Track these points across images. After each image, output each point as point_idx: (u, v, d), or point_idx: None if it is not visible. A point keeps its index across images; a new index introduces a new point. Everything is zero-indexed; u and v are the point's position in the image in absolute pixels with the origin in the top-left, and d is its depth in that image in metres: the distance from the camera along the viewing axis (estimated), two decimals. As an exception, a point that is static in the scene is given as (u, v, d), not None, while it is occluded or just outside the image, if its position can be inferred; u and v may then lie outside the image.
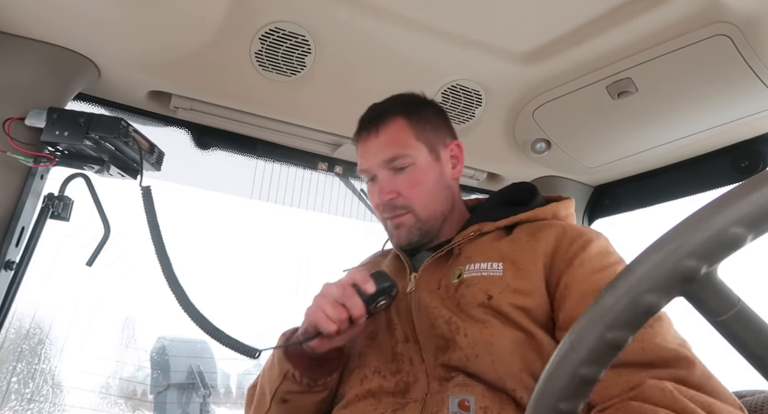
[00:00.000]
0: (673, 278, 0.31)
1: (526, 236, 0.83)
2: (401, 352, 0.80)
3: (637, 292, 0.32)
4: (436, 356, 0.77)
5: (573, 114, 1.28)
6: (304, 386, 0.80)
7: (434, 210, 0.89)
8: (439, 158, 0.91)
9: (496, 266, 0.79)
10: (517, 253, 0.81)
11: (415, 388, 0.76)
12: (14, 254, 0.98)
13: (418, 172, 0.87)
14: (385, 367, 0.80)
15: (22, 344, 2.56)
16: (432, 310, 0.79)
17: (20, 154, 0.95)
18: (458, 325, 0.76)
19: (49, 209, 0.99)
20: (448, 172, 0.92)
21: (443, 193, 0.90)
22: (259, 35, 1.08)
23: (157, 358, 3.96)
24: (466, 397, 0.70)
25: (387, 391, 0.78)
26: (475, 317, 0.76)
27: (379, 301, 0.74)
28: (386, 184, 0.88)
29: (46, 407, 2.60)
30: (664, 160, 1.41)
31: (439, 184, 0.89)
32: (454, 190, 0.94)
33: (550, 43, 1.10)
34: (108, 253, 1.02)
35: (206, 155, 1.37)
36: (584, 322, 0.33)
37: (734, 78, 1.06)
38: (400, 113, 0.91)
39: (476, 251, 0.84)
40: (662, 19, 0.99)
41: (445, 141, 0.93)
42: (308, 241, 2.31)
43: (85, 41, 1.03)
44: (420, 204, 0.87)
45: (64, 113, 0.96)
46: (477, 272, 0.80)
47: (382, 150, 0.88)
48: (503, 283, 0.77)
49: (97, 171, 1.03)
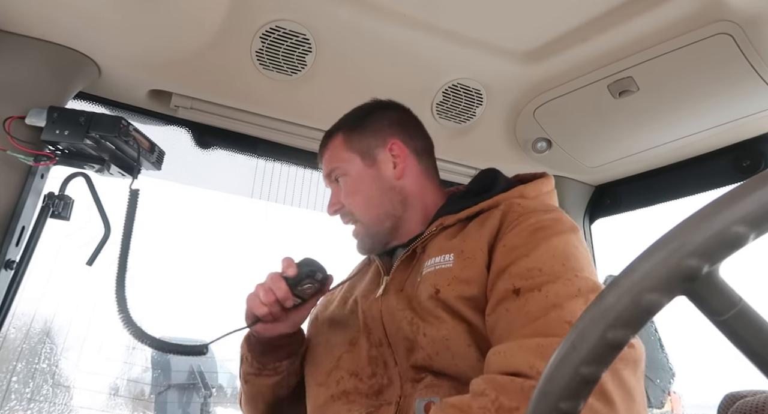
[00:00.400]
0: (675, 277, 0.31)
1: (479, 224, 0.82)
2: (375, 355, 0.82)
3: (638, 291, 0.32)
4: (407, 357, 0.78)
5: (574, 113, 1.28)
6: (256, 369, 0.90)
7: (376, 214, 0.91)
8: (374, 163, 0.92)
9: (447, 258, 0.79)
10: (467, 242, 0.80)
11: (389, 390, 0.78)
12: (14, 253, 0.98)
13: (352, 181, 0.92)
14: (361, 371, 0.82)
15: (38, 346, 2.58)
16: (397, 312, 0.81)
17: (21, 153, 0.95)
18: (419, 325, 0.77)
19: (49, 208, 0.99)
20: (388, 172, 0.92)
21: (385, 195, 0.91)
22: (260, 34, 1.07)
23: (158, 358, 3.97)
24: (431, 399, 0.71)
25: (361, 393, 0.80)
26: (431, 314, 0.76)
27: (303, 284, 0.81)
28: (332, 197, 0.95)
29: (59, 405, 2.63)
30: (666, 159, 1.40)
31: (378, 188, 0.91)
32: (404, 189, 0.92)
33: (551, 42, 1.10)
34: (111, 252, 1.02)
35: (207, 154, 1.36)
36: (586, 321, 0.33)
37: (736, 77, 1.05)
38: (339, 129, 0.97)
39: (436, 246, 0.84)
40: (664, 18, 0.99)
41: (383, 142, 0.93)
42: (308, 239, 2.31)
43: (86, 40, 1.03)
44: (360, 211, 0.91)
45: (65, 112, 0.96)
46: (432, 267, 0.80)
47: (324, 167, 0.97)
48: (451, 274, 0.77)
49: (98, 170, 1.03)
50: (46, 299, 2.32)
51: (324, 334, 0.94)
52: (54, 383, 2.65)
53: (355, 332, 0.88)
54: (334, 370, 0.86)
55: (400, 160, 0.93)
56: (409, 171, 0.93)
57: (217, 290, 2.68)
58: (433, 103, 1.28)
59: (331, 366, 0.86)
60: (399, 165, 0.92)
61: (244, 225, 2.46)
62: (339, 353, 0.87)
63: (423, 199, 0.94)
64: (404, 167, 0.93)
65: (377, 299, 0.86)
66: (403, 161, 0.93)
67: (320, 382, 0.87)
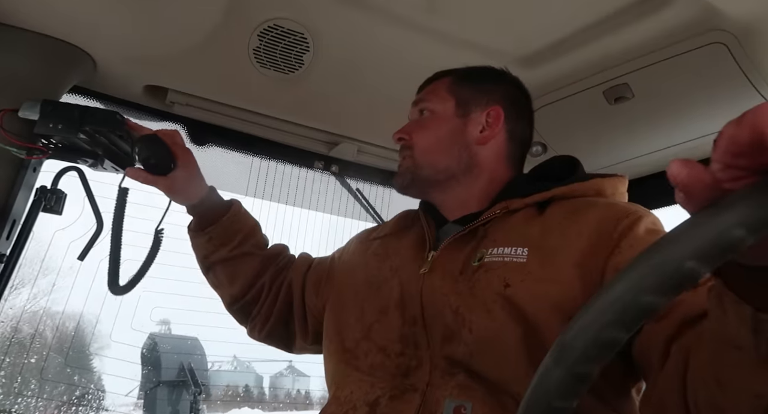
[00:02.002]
0: (672, 280, 0.31)
1: (561, 217, 0.74)
2: (407, 333, 0.76)
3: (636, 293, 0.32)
4: (442, 345, 0.72)
5: (570, 118, 1.28)
6: (192, 232, 1.01)
7: (434, 160, 0.86)
8: (466, 115, 0.88)
9: (520, 251, 0.72)
10: (547, 237, 0.72)
11: (416, 373, 0.72)
12: (5, 247, 0.97)
13: (432, 119, 0.88)
14: (390, 346, 0.76)
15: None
16: (441, 296, 0.74)
17: (13, 146, 0.94)
18: (465, 316, 0.71)
19: (41, 202, 0.98)
20: (472, 133, 0.87)
21: (454, 148, 0.86)
22: (258, 32, 1.07)
23: (148, 355, 3.94)
24: (463, 403, 0.65)
25: (388, 371, 0.74)
26: (487, 308, 0.70)
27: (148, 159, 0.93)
28: (406, 125, 0.91)
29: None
30: (660, 166, 1.41)
31: (451, 138, 0.86)
32: (476, 155, 0.86)
33: (547, 46, 1.10)
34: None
35: (202, 151, 1.36)
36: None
37: (730, 86, 1.06)
38: (452, 74, 0.94)
39: (503, 233, 0.76)
40: (660, 26, 1.00)
41: (486, 104, 0.88)
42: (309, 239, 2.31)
43: (82, 33, 1.03)
44: (420, 147, 0.87)
45: (59, 106, 0.95)
46: (499, 257, 0.73)
47: (418, 96, 0.95)
48: (526, 270, 0.70)
49: (91, 164, 1.03)
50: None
51: (360, 293, 0.86)
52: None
53: (387, 300, 0.80)
54: (363, 340, 0.79)
55: (490, 129, 0.87)
56: (493, 143, 0.88)
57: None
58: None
59: (361, 335, 0.80)
60: (486, 132, 0.87)
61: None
62: (371, 321, 0.80)
63: (491, 176, 0.87)
64: (490, 137, 0.87)
65: (420, 276, 0.78)
66: (492, 131, 0.87)
67: (348, 347, 0.81)
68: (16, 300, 4.95)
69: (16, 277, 0.93)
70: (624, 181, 0.85)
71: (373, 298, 0.83)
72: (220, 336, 4.12)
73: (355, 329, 0.82)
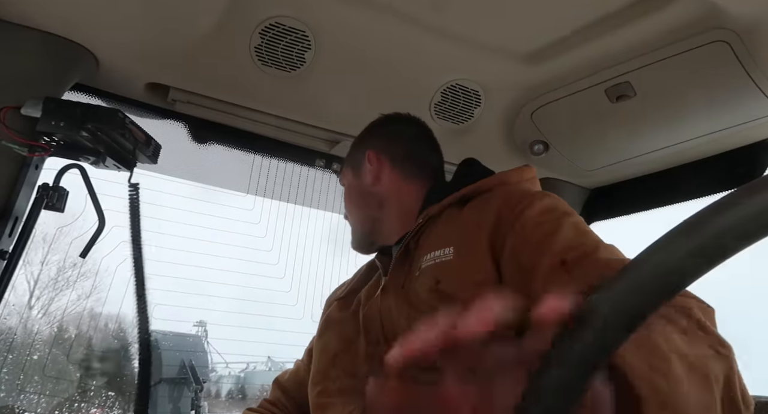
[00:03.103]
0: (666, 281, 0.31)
1: (475, 210, 0.83)
2: (373, 353, 0.83)
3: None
4: None
5: (571, 116, 1.28)
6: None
7: (358, 216, 1.01)
8: (359, 173, 1.02)
9: (447, 251, 0.79)
10: (465, 231, 0.80)
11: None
12: (7, 244, 0.97)
13: (346, 191, 1.05)
14: (358, 369, 0.84)
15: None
16: (394, 309, 0.82)
17: (15, 144, 0.94)
18: (414, 319, 0.78)
19: (43, 199, 0.99)
20: (367, 180, 1.00)
21: (363, 200, 1.01)
22: (260, 30, 1.07)
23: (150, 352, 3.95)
24: None
25: (360, 391, 0.81)
26: (429, 306, 0.76)
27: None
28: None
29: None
30: (661, 164, 1.41)
31: (358, 195, 1.02)
32: (378, 194, 0.99)
33: (550, 44, 1.10)
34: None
35: (203, 149, 1.36)
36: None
37: (732, 85, 1.06)
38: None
39: (432, 238, 0.85)
40: (662, 24, 0.99)
41: (364, 154, 1.01)
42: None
43: (85, 31, 1.03)
44: (350, 215, 1.04)
45: (61, 103, 0.95)
46: (431, 261, 0.81)
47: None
48: (452, 265, 0.77)
49: (93, 162, 1.03)
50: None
51: (322, 335, 0.98)
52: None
53: (353, 332, 0.89)
54: (330, 368, 0.88)
55: (374, 168, 1.00)
56: (383, 176, 0.99)
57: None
58: (432, 103, 1.28)
59: (327, 365, 0.89)
60: (374, 172, 1.00)
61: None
62: (334, 351, 0.89)
63: (400, 200, 0.98)
64: (377, 174, 1.00)
65: (376, 298, 0.88)
66: (376, 169, 1.00)
67: (317, 381, 0.90)
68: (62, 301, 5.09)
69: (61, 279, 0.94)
70: (530, 170, 0.93)
71: (336, 334, 0.93)
72: (254, 337, 4.21)
73: (322, 361, 0.91)
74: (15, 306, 4.37)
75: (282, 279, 2.32)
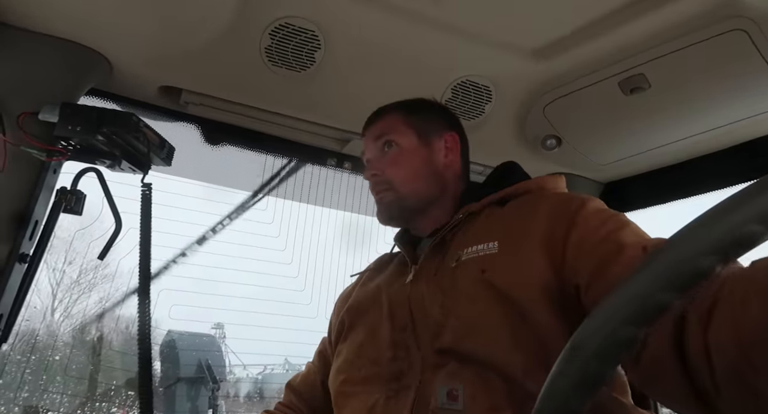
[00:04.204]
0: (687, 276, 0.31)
1: (518, 210, 0.85)
2: (398, 340, 0.83)
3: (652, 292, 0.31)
4: (431, 343, 0.78)
5: (584, 110, 1.27)
6: None
7: (415, 188, 0.95)
8: (429, 144, 0.98)
9: (491, 245, 0.81)
10: (510, 228, 0.82)
11: (408, 375, 0.79)
12: (28, 247, 0.99)
13: (401, 153, 0.96)
14: (382, 356, 0.83)
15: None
16: (427, 296, 0.83)
17: (34, 149, 0.96)
18: (450, 308, 0.78)
19: (62, 203, 1.00)
20: (438, 159, 0.98)
21: (429, 176, 0.96)
22: (269, 30, 1.08)
23: (167, 352, 4.01)
24: (454, 387, 0.72)
25: (382, 378, 0.81)
26: (468, 294, 0.77)
27: None
28: (373, 162, 0.99)
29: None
30: (677, 157, 1.39)
31: (424, 167, 0.96)
32: (445, 178, 0.98)
33: (561, 38, 1.09)
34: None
35: (216, 151, 1.37)
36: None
37: (750, 74, 1.04)
38: (397, 109, 1.02)
39: (471, 234, 0.86)
40: (677, 14, 0.97)
41: (441, 132, 1.00)
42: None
43: (98, 36, 1.04)
44: (399, 180, 0.94)
45: (77, 108, 0.97)
46: (474, 253, 0.82)
47: (374, 132, 1.00)
48: (498, 258, 0.79)
49: (109, 165, 1.04)
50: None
51: (347, 323, 0.96)
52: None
53: (376, 319, 0.89)
54: (356, 358, 0.88)
55: (452, 154, 1.00)
56: (455, 165, 1.00)
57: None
58: (442, 100, 1.27)
59: (354, 355, 0.89)
60: (449, 156, 0.99)
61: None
62: (360, 342, 0.89)
63: (454, 193, 0.99)
64: (453, 160, 1.00)
65: (405, 285, 0.88)
66: (454, 155, 1.00)
67: (342, 369, 0.90)
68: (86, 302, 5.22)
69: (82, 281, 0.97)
70: (562, 179, 0.95)
71: (361, 323, 0.92)
72: (270, 336, 4.26)
73: (349, 351, 0.90)
74: (37, 308, 4.48)
75: (296, 278, 2.33)
